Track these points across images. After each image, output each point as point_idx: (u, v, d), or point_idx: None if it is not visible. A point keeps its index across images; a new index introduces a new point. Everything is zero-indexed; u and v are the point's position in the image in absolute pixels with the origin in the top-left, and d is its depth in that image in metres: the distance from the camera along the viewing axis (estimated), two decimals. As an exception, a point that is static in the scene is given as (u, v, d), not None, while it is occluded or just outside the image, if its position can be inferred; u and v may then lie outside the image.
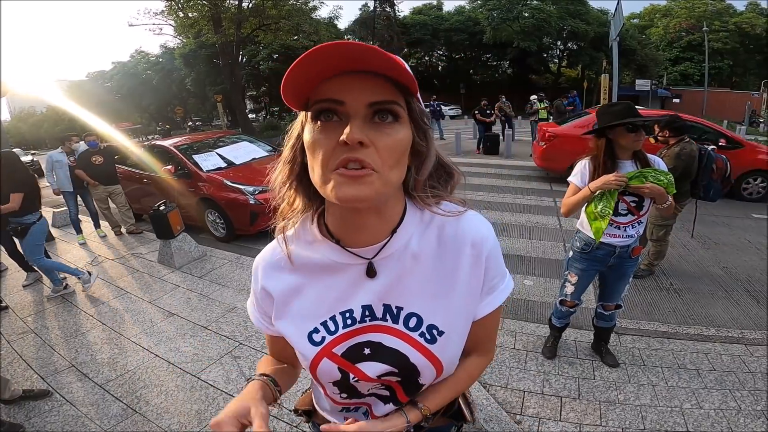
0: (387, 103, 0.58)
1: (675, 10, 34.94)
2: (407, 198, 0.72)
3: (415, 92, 0.62)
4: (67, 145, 5.65)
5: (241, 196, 5.08)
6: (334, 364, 0.72)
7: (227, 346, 2.97)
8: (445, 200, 0.72)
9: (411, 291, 0.71)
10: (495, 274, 0.75)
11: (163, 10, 19.38)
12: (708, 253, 4.61)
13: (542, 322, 3.11)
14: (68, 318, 3.60)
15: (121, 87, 35.77)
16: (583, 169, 2.24)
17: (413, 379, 0.74)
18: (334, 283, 0.72)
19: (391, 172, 0.59)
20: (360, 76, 0.56)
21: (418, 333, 0.71)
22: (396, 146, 0.59)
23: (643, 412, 2.26)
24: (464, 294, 0.72)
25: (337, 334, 0.72)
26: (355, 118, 0.56)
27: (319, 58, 0.52)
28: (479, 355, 0.84)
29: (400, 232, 0.70)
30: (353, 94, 0.56)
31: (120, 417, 2.38)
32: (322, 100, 0.57)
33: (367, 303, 0.72)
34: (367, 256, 0.70)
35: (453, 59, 39.55)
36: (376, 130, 0.57)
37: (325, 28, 22.34)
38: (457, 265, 0.71)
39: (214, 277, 4.21)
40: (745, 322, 3.21)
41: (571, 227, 5.33)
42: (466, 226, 0.72)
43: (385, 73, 0.56)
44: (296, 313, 0.74)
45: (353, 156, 0.55)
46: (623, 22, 12.18)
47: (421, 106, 0.64)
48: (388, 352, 0.72)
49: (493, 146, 11.39)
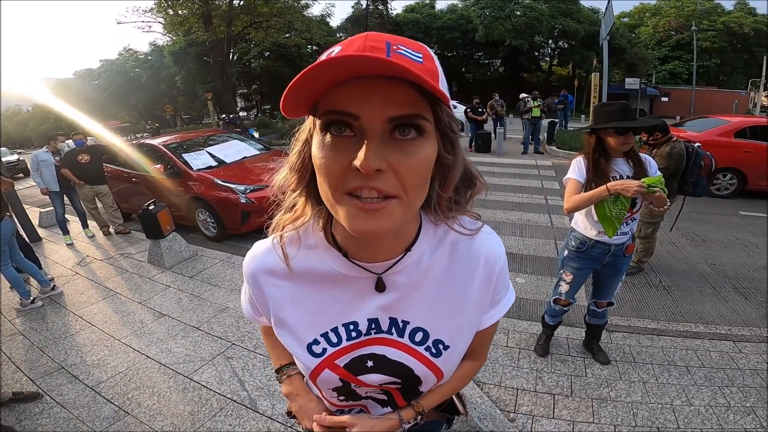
0: (410, 118, 0.49)
1: (664, 9, 35.32)
2: (422, 212, 0.67)
3: (446, 100, 0.52)
4: (53, 144, 5.56)
5: (232, 195, 5.03)
6: (336, 375, 0.71)
7: (219, 347, 2.95)
8: (462, 214, 0.67)
9: (419, 306, 0.69)
10: (502, 289, 0.74)
11: (153, 7, 19.21)
12: (696, 250, 4.67)
13: (534, 320, 3.13)
14: (57, 320, 3.55)
15: (109, 85, 35.29)
16: (579, 165, 2.24)
17: (414, 387, 0.74)
18: (337, 295, 0.68)
19: (414, 195, 0.52)
20: (381, 86, 0.47)
21: (424, 347, 0.70)
22: (421, 167, 0.51)
23: (635, 409, 2.28)
24: (473, 310, 0.71)
25: (340, 346, 0.70)
26: (372, 138, 0.47)
27: (338, 68, 0.44)
28: (474, 359, 0.84)
29: (414, 249, 0.66)
30: (371, 108, 0.47)
31: (112, 419, 2.35)
32: (334, 111, 0.48)
33: (374, 316, 0.69)
34: (377, 271, 0.66)
35: (445, 57, 39.52)
36: (396, 149, 0.49)
37: (317, 26, 22.29)
38: (469, 281, 0.69)
39: (206, 277, 4.17)
40: (733, 318, 3.25)
41: (562, 225, 5.38)
42: (480, 243, 0.70)
43: (412, 80, 0.46)
44: (294, 322, 0.71)
45: (368, 184, 0.48)
46: (613, 20, 12.26)
47: (451, 112, 0.56)
48: (391, 365, 0.70)
49: (485, 144, 11.42)
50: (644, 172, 2.16)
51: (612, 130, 2.10)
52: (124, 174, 6.24)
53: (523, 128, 11.44)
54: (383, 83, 0.47)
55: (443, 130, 0.55)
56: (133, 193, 6.23)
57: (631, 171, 2.17)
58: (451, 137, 0.57)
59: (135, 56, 35.76)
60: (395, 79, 0.46)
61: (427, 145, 0.52)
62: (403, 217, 0.52)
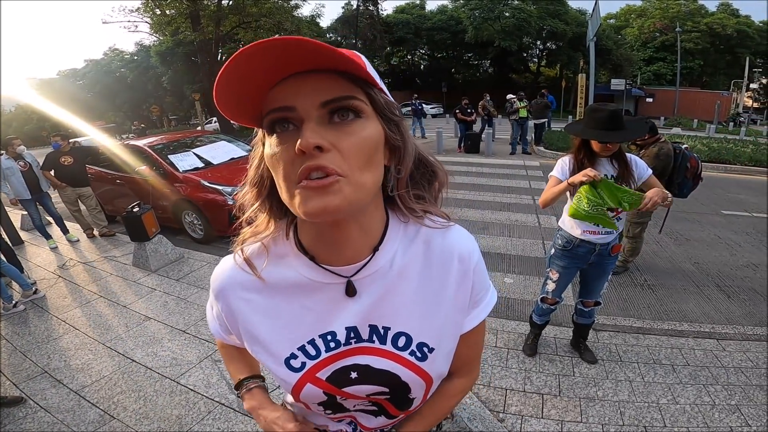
0: (342, 99, 0.51)
1: (650, 10, 35.91)
2: (390, 209, 0.67)
3: (375, 84, 0.55)
4: (11, 149, 5.15)
5: (219, 197, 4.99)
6: (319, 389, 0.68)
7: (207, 350, 2.91)
8: (430, 213, 0.67)
9: (398, 310, 0.67)
10: (481, 288, 0.72)
11: (139, 7, 18.95)
12: (680, 249, 4.74)
13: (523, 320, 3.15)
14: (39, 324, 3.48)
15: (94, 85, 34.77)
16: (564, 164, 2.28)
17: (404, 395, 0.71)
18: (310, 304, 0.66)
19: (362, 175, 0.52)
20: (310, 77, 0.50)
21: (408, 352, 0.68)
22: (363, 144, 0.52)
23: (622, 408, 2.30)
24: (452, 309, 0.69)
25: (319, 358, 0.67)
26: (308, 121, 0.50)
27: (250, 60, 0.45)
28: (463, 376, 0.81)
29: (383, 249, 0.64)
30: (303, 97, 0.50)
31: (97, 423, 2.32)
32: (272, 110, 0.51)
33: (352, 324, 0.66)
34: (346, 274, 0.64)
35: (435, 58, 39.77)
36: (337, 131, 0.51)
37: (307, 26, 22.18)
38: (445, 280, 0.68)
39: (192, 279, 4.13)
40: (716, 316, 3.30)
41: (550, 225, 5.42)
42: (451, 240, 0.68)
43: (338, 68, 0.50)
44: (269, 337, 0.67)
45: (314, 164, 0.49)
46: (600, 22, 12.43)
47: (388, 98, 0.58)
48: (377, 374, 0.67)
49: (474, 145, 11.49)
50: (629, 173, 2.19)
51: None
52: (108, 175, 6.14)
53: (511, 129, 11.53)
54: (314, 77, 0.50)
55: (382, 112, 0.57)
56: (118, 195, 6.13)
57: (615, 171, 2.20)
58: (394, 119, 0.59)
59: (121, 56, 35.28)
60: (324, 71, 0.50)
61: (369, 124, 0.54)
62: (354, 197, 0.52)
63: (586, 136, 2.17)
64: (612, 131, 2.09)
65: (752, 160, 9.58)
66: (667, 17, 33.80)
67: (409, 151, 0.61)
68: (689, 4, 34.28)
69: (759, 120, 30.20)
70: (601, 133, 2.11)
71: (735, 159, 9.73)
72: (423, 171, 0.66)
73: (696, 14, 34.13)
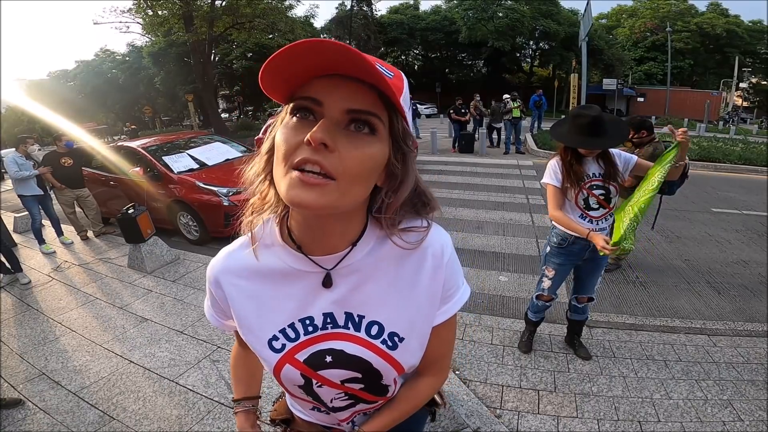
0: (365, 114, 0.54)
1: (641, 10, 36.21)
2: (370, 219, 0.69)
3: (402, 112, 0.58)
4: (22, 147, 5.17)
5: (215, 198, 4.99)
6: (297, 370, 0.72)
7: (205, 350, 2.92)
8: (408, 231, 0.69)
9: (372, 299, 0.71)
10: (452, 284, 0.75)
11: (131, 8, 18.76)
12: (671, 247, 4.80)
13: (518, 318, 3.19)
14: (35, 326, 3.47)
15: (85, 86, 34.45)
16: (554, 168, 2.31)
17: (376, 381, 0.76)
18: (291, 291, 0.71)
19: (352, 185, 0.55)
20: (348, 84, 0.53)
21: (380, 340, 0.72)
22: (364, 159, 0.55)
23: (616, 404, 2.35)
24: (424, 302, 0.73)
25: (298, 341, 0.72)
26: (327, 120, 0.53)
27: (311, 53, 0.49)
28: (432, 375, 0.84)
29: (361, 244, 0.68)
30: (333, 97, 0.53)
31: (97, 424, 2.32)
32: (303, 97, 0.55)
33: (328, 311, 0.71)
34: (327, 265, 0.68)
35: (429, 58, 39.82)
36: (348, 138, 0.54)
37: (300, 27, 22.08)
38: (418, 274, 0.71)
39: (188, 280, 4.13)
40: (707, 312, 3.36)
41: (544, 224, 5.47)
42: (426, 236, 0.71)
43: (375, 83, 0.53)
44: (255, 320, 0.73)
45: (313, 158, 0.52)
46: (592, 22, 12.53)
47: (407, 128, 0.61)
48: (350, 359, 0.72)
49: (468, 145, 11.54)
50: (615, 170, 2.24)
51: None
52: (102, 177, 6.11)
53: (505, 129, 11.60)
54: (351, 81, 0.53)
55: (396, 137, 0.60)
56: (111, 197, 6.11)
57: (602, 170, 2.25)
58: (403, 149, 0.61)
59: (112, 57, 35.02)
60: (363, 82, 0.53)
61: (377, 144, 0.57)
62: (338, 202, 0.55)
63: (567, 144, 2.23)
64: (593, 138, 2.15)
65: (741, 159, 9.72)
66: (657, 17, 34.13)
67: (407, 184, 0.63)
68: (679, 4, 34.64)
69: (749, 119, 30.57)
70: (582, 139, 2.17)
71: (725, 157, 9.87)
72: (416, 201, 0.69)
73: (686, 14, 34.49)
